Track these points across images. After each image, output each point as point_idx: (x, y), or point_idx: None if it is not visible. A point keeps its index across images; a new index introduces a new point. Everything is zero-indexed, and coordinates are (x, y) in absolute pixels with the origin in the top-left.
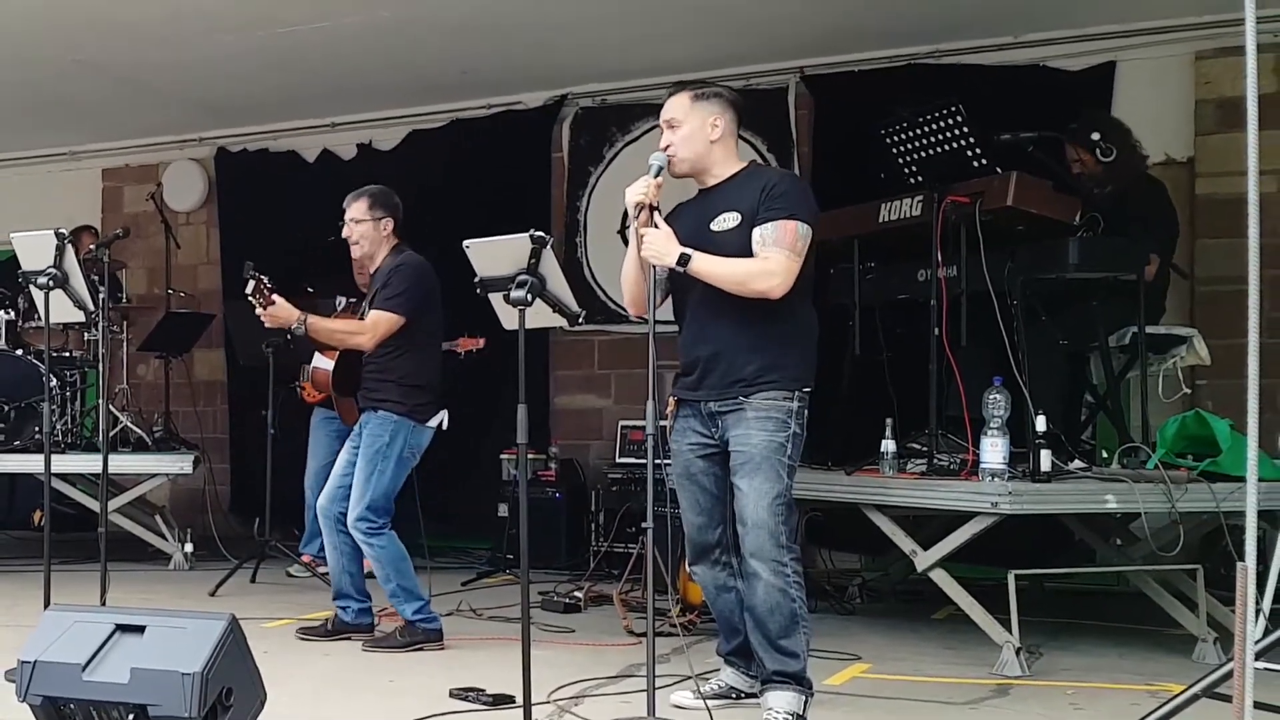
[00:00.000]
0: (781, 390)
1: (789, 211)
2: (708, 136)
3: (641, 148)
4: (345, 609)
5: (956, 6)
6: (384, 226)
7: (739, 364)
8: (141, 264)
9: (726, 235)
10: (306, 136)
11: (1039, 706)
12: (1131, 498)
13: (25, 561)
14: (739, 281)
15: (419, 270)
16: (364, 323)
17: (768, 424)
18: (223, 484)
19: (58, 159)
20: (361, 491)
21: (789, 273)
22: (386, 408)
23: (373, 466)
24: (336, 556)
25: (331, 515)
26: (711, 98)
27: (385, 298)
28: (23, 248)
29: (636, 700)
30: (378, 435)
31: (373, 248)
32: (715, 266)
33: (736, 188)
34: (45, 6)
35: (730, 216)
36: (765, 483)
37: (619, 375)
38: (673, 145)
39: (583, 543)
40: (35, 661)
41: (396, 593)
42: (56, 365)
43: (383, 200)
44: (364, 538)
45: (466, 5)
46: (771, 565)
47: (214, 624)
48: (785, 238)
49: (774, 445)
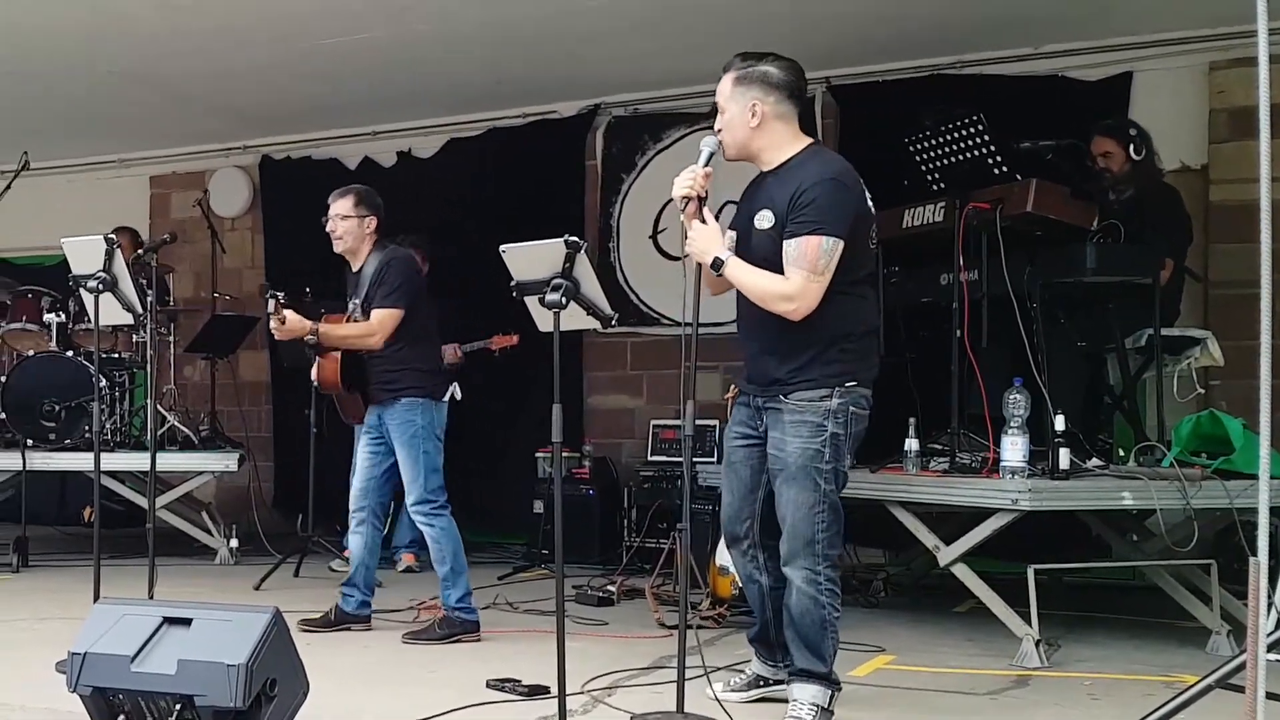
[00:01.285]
0: (819, 389)
1: (813, 226)
2: (747, 123)
3: (673, 155)
4: (349, 598)
5: (978, 19)
6: (368, 225)
7: (776, 363)
8: (188, 268)
9: (761, 235)
10: (348, 144)
11: (1057, 697)
12: (1147, 494)
13: (75, 556)
14: (761, 299)
15: (407, 262)
16: (371, 323)
17: (802, 429)
18: (266, 481)
19: (107, 166)
20: (414, 477)
21: (809, 295)
22: (409, 394)
23: (416, 451)
24: (360, 547)
25: (369, 504)
26: (754, 81)
27: (384, 295)
28: (73, 252)
29: (668, 691)
30: (409, 421)
31: (355, 244)
32: (744, 277)
33: (781, 181)
34: (95, 21)
35: (767, 215)
36: (801, 493)
37: (651, 376)
38: (722, 130)
39: (615, 538)
40: (85, 653)
41: (449, 576)
42: (106, 366)
43: (368, 200)
44: (427, 520)
45: (501, 18)
46: (804, 573)
47: (258, 617)
48: (806, 257)
49: (809, 453)
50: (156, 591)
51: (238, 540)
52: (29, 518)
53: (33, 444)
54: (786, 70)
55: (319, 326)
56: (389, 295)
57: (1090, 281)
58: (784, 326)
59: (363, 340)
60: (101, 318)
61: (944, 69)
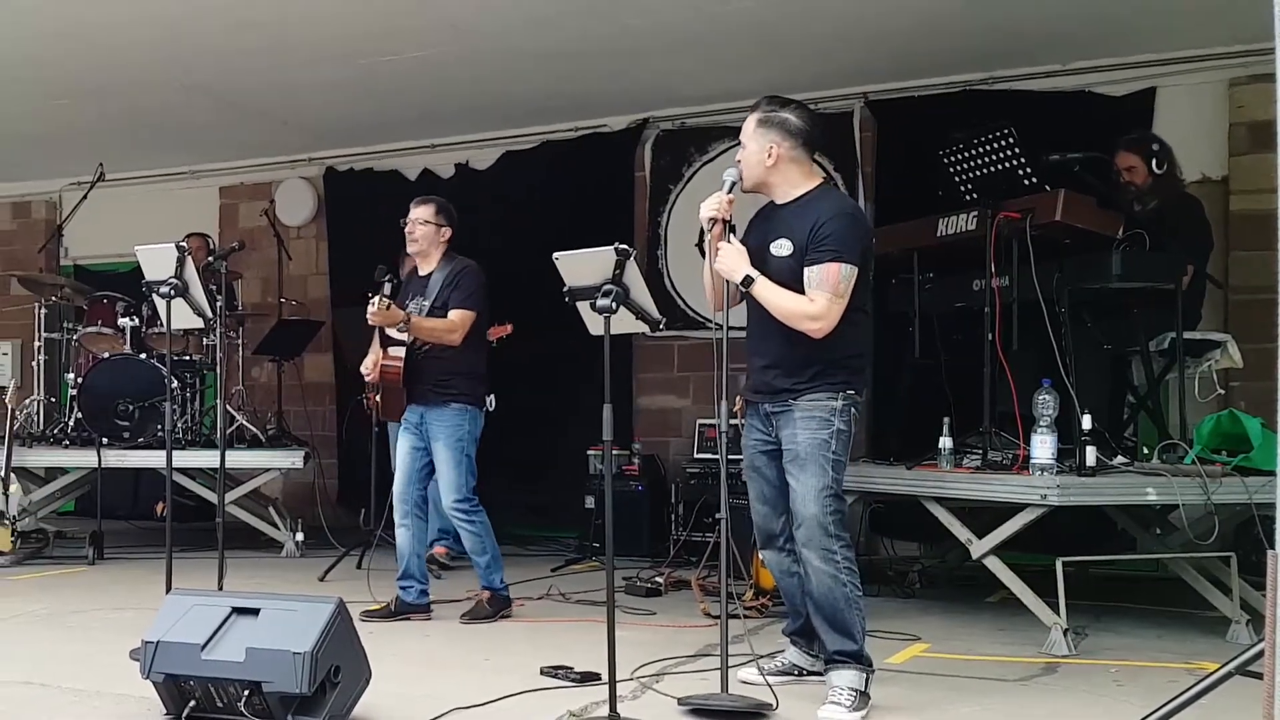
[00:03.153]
0: (826, 392)
1: (834, 254)
2: (763, 162)
3: (718, 167)
4: (408, 589)
5: (1008, 37)
6: (443, 234)
7: (789, 374)
8: (256, 274)
9: (780, 261)
10: (408, 157)
11: (1084, 683)
12: (1170, 490)
13: (148, 550)
14: (787, 316)
15: (478, 273)
16: (454, 320)
17: (812, 423)
18: (331, 478)
19: (179, 177)
20: (455, 478)
21: (832, 315)
22: (460, 400)
23: (459, 454)
24: (409, 539)
25: (411, 499)
26: (774, 126)
27: (462, 298)
28: (146, 259)
29: (713, 677)
30: (457, 425)
31: (428, 247)
32: (771, 295)
33: (797, 214)
34: (169, 39)
35: (785, 244)
36: (812, 477)
37: (696, 377)
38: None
39: (663, 532)
40: (158, 642)
41: (490, 563)
42: (177, 368)
43: (446, 211)
44: (465, 518)
45: (555, 35)
46: (821, 553)
47: (323, 607)
48: (829, 281)
49: (818, 442)
50: (225, 583)
51: (303, 534)
52: (104, 513)
53: (108, 442)
54: (805, 119)
55: (410, 316)
56: (466, 299)
57: (1116, 287)
58: (794, 344)
59: (445, 335)
60: (173, 322)
61: (976, 85)
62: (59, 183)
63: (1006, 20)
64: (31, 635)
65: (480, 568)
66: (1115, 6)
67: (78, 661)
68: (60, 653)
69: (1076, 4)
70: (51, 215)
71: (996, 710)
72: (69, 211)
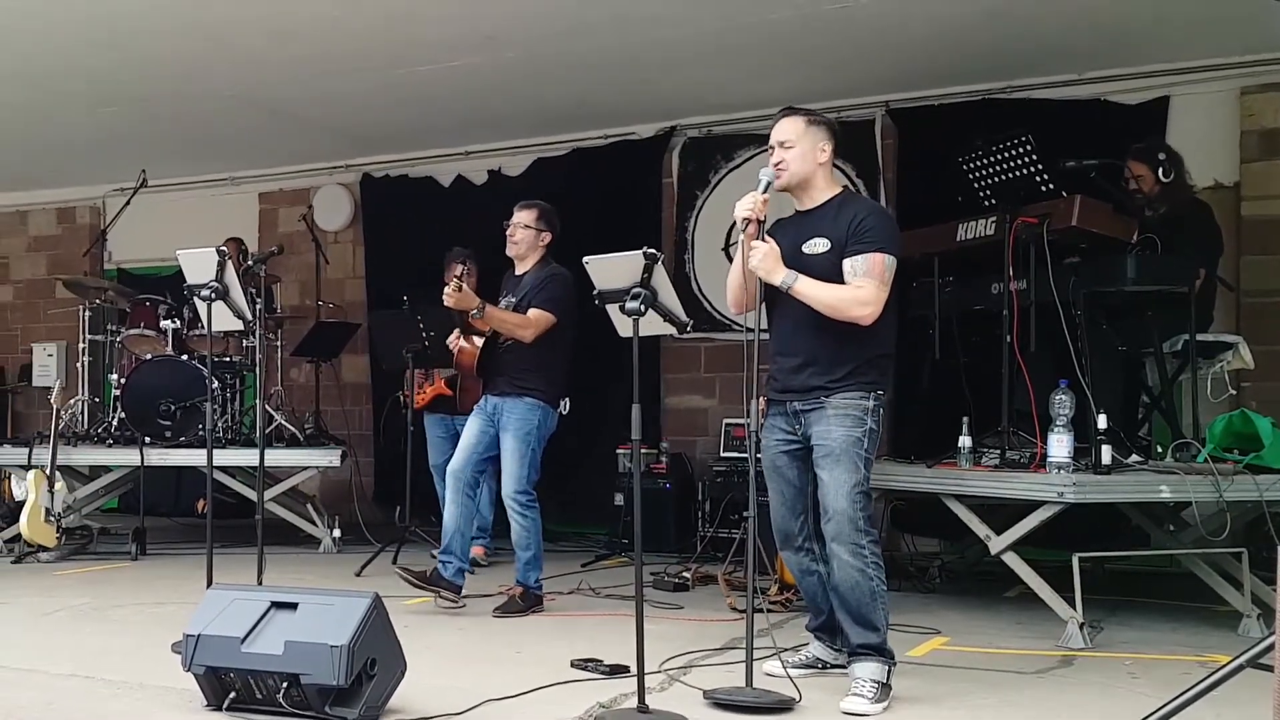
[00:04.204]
0: (859, 391)
1: (878, 245)
2: (816, 159)
3: (744, 174)
4: (447, 564)
5: (1026, 47)
6: (543, 239)
7: (822, 371)
8: (294, 278)
9: (816, 259)
10: (442, 163)
11: (1100, 676)
12: (1183, 488)
13: (189, 545)
14: (835, 308)
15: (569, 281)
16: (529, 317)
17: (846, 420)
18: (367, 476)
19: (219, 184)
20: (517, 470)
21: (880, 302)
22: (535, 395)
23: (525, 447)
24: (457, 516)
25: (466, 479)
26: (821, 125)
27: (543, 300)
28: (188, 263)
29: (739, 670)
30: (528, 419)
31: (527, 251)
32: (815, 291)
33: (829, 216)
34: (212, 50)
35: (821, 242)
36: (845, 473)
37: (723, 378)
38: (785, 161)
39: (690, 528)
40: (199, 635)
41: (531, 560)
42: (218, 369)
43: (548, 217)
44: (521, 510)
45: (585, 46)
46: (850, 548)
47: (359, 601)
48: (875, 269)
49: (852, 439)
50: (265, 578)
51: (340, 530)
52: (147, 509)
53: (150, 441)
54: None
55: (485, 304)
56: (548, 301)
57: (1130, 290)
58: (828, 341)
59: (517, 329)
60: (214, 324)
61: (994, 94)
62: (103, 189)
63: (1024, 31)
64: (76, 629)
65: (521, 562)
66: (1129, 18)
67: (121, 654)
68: (104, 646)
69: (1092, 15)
70: (96, 220)
71: (1015, 702)
72: (113, 217)
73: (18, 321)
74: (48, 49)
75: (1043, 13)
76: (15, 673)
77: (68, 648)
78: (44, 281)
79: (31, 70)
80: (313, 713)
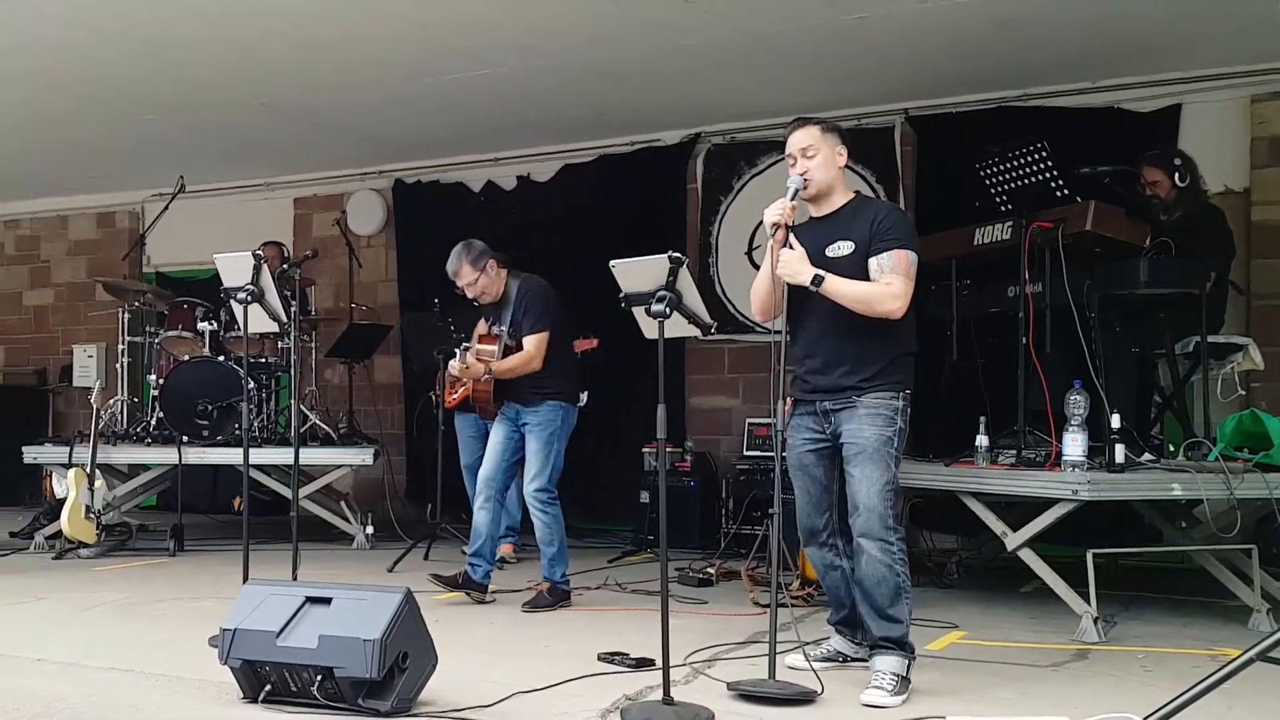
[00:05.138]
0: (889, 391)
1: (901, 242)
2: (836, 163)
3: (766, 180)
4: (476, 567)
5: (1041, 56)
6: (491, 269)
7: (851, 370)
8: (328, 281)
9: (841, 260)
10: (472, 169)
11: (1113, 669)
12: (1195, 486)
13: (226, 542)
14: (865, 303)
15: (543, 289)
16: (529, 350)
17: (878, 420)
18: (399, 474)
19: (255, 189)
20: (541, 468)
21: (908, 296)
22: (555, 398)
23: (549, 447)
24: (487, 521)
25: (496, 485)
26: (834, 131)
27: (531, 323)
28: (224, 267)
29: (762, 663)
30: (551, 420)
31: (494, 287)
32: (844, 288)
33: (847, 218)
34: (246, 60)
35: (844, 245)
36: (875, 471)
37: (746, 379)
38: (809, 170)
39: (714, 525)
40: (235, 629)
41: (555, 556)
42: (254, 370)
43: (475, 253)
44: (542, 506)
45: (610, 55)
46: (879, 544)
47: (392, 596)
48: (901, 265)
49: (884, 438)
50: (299, 573)
51: (373, 527)
52: (184, 507)
53: (188, 440)
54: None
55: (490, 365)
56: (536, 322)
57: (1143, 293)
58: (857, 341)
59: (527, 367)
60: (250, 326)
61: (1011, 102)
62: (142, 194)
63: (1039, 40)
64: (116, 623)
65: (546, 558)
66: (1142, 27)
67: (160, 648)
68: (143, 640)
69: (1106, 25)
70: (134, 225)
71: (1031, 694)
72: (151, 221)
73: (59, 323)
74: (89, 59)
75: (1058, 22)
76: (56, 666)
77: (107, 642)
78: (84, 284)
79: (73, 79)
80: (346, 705)
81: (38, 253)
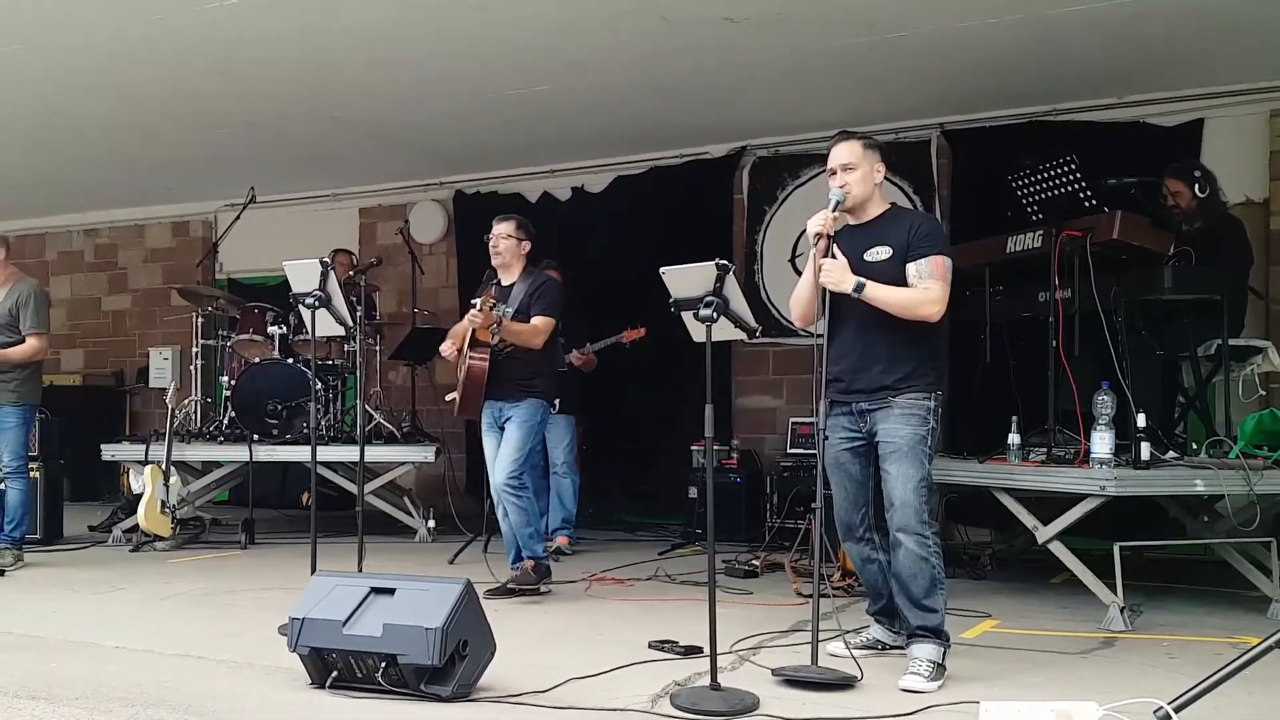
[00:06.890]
0: (922, 392)
1: (937, 249)
2: (874, 180)
3: (809, 191)
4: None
5: (1070, 73)
6: (523, 247)
7: (886, 372)
8: (392, 287)
9: (879, 265)
10: (529, 181)
11: (1139, 656)
12: (1216, 482)
13: (294, 536)
14: (906, 308)
15: (558, 285)
16: (538, 325)
17: (912, 419)
18: (459, 470)
19: (322, 199)
20: (513, 459)
21: (945, 300)
22: (539, 396)
23: (525, 442)
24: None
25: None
26: (875, 148)
27: (544, 307)
28: (293, 273)
29: (804, 651)
30: (532, 415)
31: (511, 259)
32: (885, 294)
33: (884, 226)
34: (319, 75)
35: (883, 250)
36: (910, 468)
37: (790, 380)
38: (849, 184)
39: (759, 520)
40: (303, 618)
41: (533, 534)
42: (321, 372)
43: (526, 228)
44: (515, 494)
45: (661, 71)
46: (915, 537)
47: (453, 587)
48: (938, 270)
49: (918, 438)
50: (364, 565)
51: (434, 521)
52: (255, 502)
53: (258, 439)
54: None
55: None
56: (548, 308)
57: (1167, 299)
58: (893, 343)
59: (530, 338)
60: (317, 330)
61: (1042, 116)
62: (215, 204)
63: (1069, 58)
64: (189, 613)
65: (524, 538)
66: (1167, 45)
67: (231, 636)
68: (215, 629)
69: (1132, 43)
70: (208, 233)
71: (1060, 680)
72: (224, 230)
73: (135, 327)
74: (165, 76)
75: (1087, 40)
76: (132, 653)
77: (181, 630)
78: (160, 290)
79: (149, 95)
80: (409, 690)
81: (116, 260)
